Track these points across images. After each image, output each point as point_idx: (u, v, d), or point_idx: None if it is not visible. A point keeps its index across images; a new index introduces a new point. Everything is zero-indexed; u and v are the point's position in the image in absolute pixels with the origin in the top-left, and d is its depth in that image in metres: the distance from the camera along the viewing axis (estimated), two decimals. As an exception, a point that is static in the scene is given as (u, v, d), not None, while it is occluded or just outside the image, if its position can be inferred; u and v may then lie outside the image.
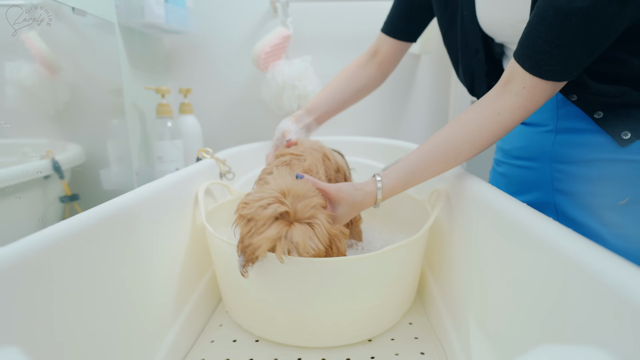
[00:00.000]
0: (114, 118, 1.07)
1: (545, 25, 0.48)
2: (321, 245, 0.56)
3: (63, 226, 0.42)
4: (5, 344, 0.32)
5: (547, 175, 0.66)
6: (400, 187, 0.64)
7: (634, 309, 0.28)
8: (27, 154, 0.81)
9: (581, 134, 0.61)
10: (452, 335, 0.62)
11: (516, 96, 0.54)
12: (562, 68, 0.50)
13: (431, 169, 0.62)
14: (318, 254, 0.56)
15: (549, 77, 0.51)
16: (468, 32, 0.67)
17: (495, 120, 0.56)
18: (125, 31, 1.08)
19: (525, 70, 0.52)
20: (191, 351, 0.66)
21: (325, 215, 0.58)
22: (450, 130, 0.60)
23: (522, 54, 0.52)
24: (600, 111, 0.57)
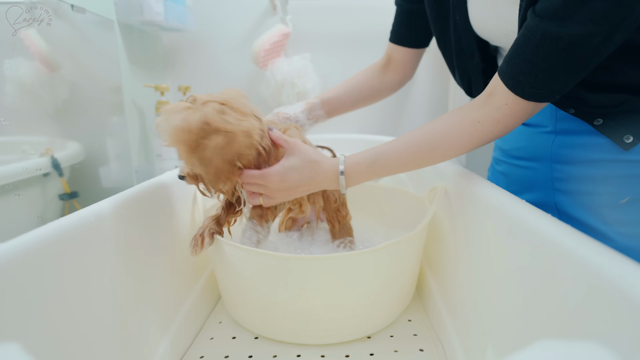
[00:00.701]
0: (113, 116, 1.07)
1: (531, 47, 0.48)
2: (183, 124, 0.51)
3: (62, 223, 0.42)
4: (4, 340, 0.32)
5: (547, 175, 0.66)
6: (364, 166, 0.61)
7: (632, 304, 0.28)
8: (26, 151, 0.81)
9: (580, 135, 0.61)
10: (451, 332, 0.62)
11: (497, 110, 0.54)
12: (545, 91, 0.50)
13: (401, 158, 0.60)
14: (178, 136, 0.51)
15: (531, 99, 0.51)
16: (462, 37, 0.67)
17: (475, 127, 0.56)
18: (124, 29, 1.08)
19: (508, 89, 0.52)
20: (190, 348, 0.66)
21: (231, 108, 0.54)
22: (430, 127, 0.60)
23: (506, 72, 0.52)
24: (600, 118, 0.57)
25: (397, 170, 0.62)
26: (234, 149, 0.53)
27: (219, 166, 0.54)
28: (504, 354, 0.46)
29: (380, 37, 1.31)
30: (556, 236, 0.39)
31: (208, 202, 0.82)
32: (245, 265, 0.62)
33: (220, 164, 0.54)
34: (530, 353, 0.32)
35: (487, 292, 0.52)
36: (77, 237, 0.44)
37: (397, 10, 0.81)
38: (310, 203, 0.74)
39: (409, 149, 0.60)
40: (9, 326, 0.34)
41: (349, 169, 0.61)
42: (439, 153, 0.59)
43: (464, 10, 0.64)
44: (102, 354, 0.46)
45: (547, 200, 0.67)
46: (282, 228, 0.85)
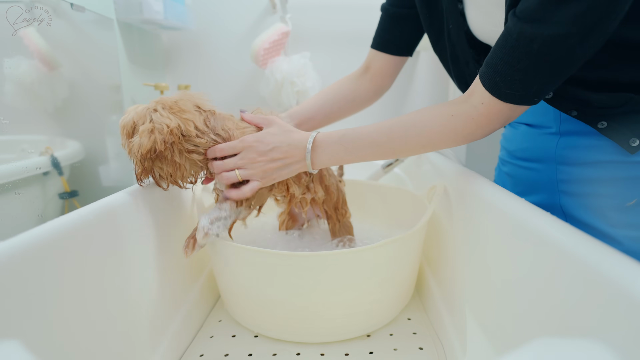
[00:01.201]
0: (112, 114, 1.07)
1: (508, 48, 0.47)
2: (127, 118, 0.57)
3: (62, 221, 0.43)
4: (5, 337, 0.32)
5: (552, 177, 0.65)
6: (335, 137, 0.61)
7: (631, 302, 0.28)
8: (26, 150, 0.81)
9: (585, 137, 0.60)
10: (450, 330, 0.62)
11: (473, 108, 0.54)
12: (521, 93, 0.49)
13: (373, 138, 0.60)
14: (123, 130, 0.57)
15: (508, 100, 0.51)
16: (456, 45, 0.66)
17: (448, 120, 0.56)
18: (123, 27, 1.08)
19: (485, 89, 0.52)
20: (190, 346, 0.66)
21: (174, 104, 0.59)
22: (406, 115, 0.60)
23: (484, 72, 0.51)
24: (604, 121, 0.56)
25: (369, 151, 0.60)
26: (147, 147, 0.55)
27: (142, 162, 0.57)
28: (503, 352, 0.46)
29: (379, 35, 1.31)
30: (555, 234, 0.39)
31: (207, 201, 0.82)
32: (245, 263, 0.62)
33: (143, 160, 0.56)
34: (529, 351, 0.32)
35: (486, 291, 0.53)
36: (76, 235, 0.44)
37: (382, 15, 0.78)
38: (312, 193, 0.73)
39: (381, 130, 0.60)
40: (9, 324, 0.34)
41: (320, 137, 0.61)
42: (412, 140, 0.59)
43: (457, 19, 0.64)
44: (102, 353, 0.46)
45: (553, 202, 0.66)
46: (283, 227, 0.85)
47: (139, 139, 0.55)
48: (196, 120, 0.59)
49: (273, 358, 0.63)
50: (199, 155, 0.60)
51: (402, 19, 0.76)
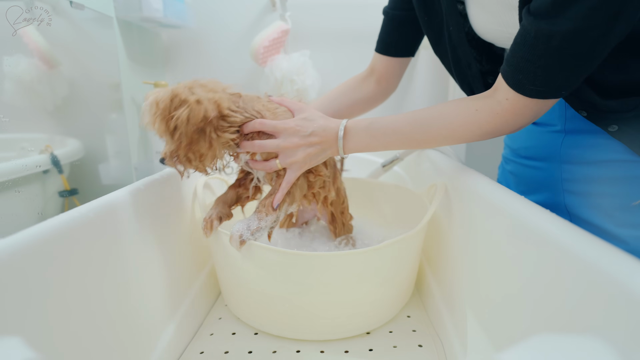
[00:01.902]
0: (112, 113, 1.07)
1: (527, 46, 0.47)
2: (158, 99, 0.56)
3: (62, 219, 0.43)
4: (5, 334, 0.32)
5: (556, 175, 0.65)
6: (363, 125, 0.62)
7: (631, 299, 0.29)
8: (26, 148, 0.81)
9: (591, 135, 0.59)
10: (449, 328, 0.63)
11: (497, 104, 0.54)
12: (546, 89, 0.49)
13: (399, 126, 0.61)
14: (154, 112, 0.56)
15: (533, 96, 0.50)
16: (457, 47, 0.66)
17: (472, 115, 0.56)
18: (123, 25, 1.08)
19: (508, 87, 0.51)
20: (190, 344, 0.66)
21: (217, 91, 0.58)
22: (431, 107, 0.60)
23: (506, 71, 0.51)
24: (615, 124, 0.56)
25: (394, 139, 0.62)
26: (200, 115, 0.54)
27: (190, 135, 0.55)
28: (502, 349, 0.46)
29: (379, 33, 1.31)
30: (555, 232, 0.39)
31: (208, 198, 0.82)
32: (246, 261, 0.62)
33: (191, 132, 0.55)
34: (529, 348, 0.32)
35: (485, 289, 0.53)
36: (76, 233, 0.44)
37: (384, 19, 0.79)
38: (326, 191, 0.74)
39: (406, 120, 0.61)
40: (9, 321, 0.34)
41: (350, 124, 0.63)
42: (435, 131, 0.59)
43: (457, 20, 0.63)
44: (102, 350, 0.46)
45: (557, 202, 0.65)
46: (284, 225, 0.85)
47: (187, 109, 0.54)
48: (225, 99, 0.59)
49: (273, 355, 0.63)
50: (231, 134, 0.59)
51: (404, 21, 0.77)
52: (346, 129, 0.63)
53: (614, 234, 0.57)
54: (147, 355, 0.56)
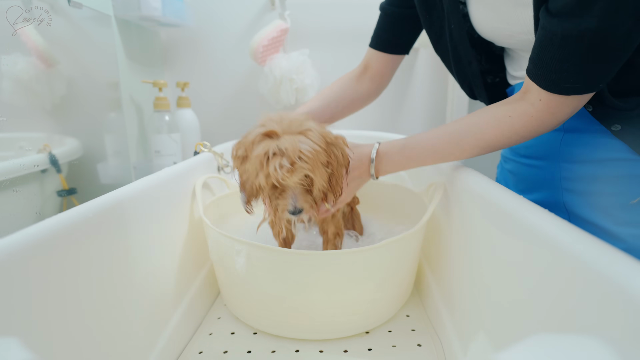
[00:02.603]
0: (111, 112, 1.06)
1: (555, 47, 0.46)
2: (316, 146, 0.54)
3: (60, 219, 0.42)
4: (4, 333, 0.32)
5: (555, 174, 0.65)
6: (397, 148, 0.63)
7: (628, 298, 0.29)
8: (24, 147, 0.81)
9: (590, 134, 0.59)
10: (449, 327, 0.63)
11: (531, 106, 0.53)
12: (581, 85, 0.47)
13: (433, 143, 0.61)
14: (316, 158, 0.54)
15: (570, 93, 0.49)
16: (458, 46, 0.66)
17: (506, 121, 0.55)
18: (121, 24, 1.08)
19: (540, 88, 0.50)
20: (189, 343, 0.66)
21: (319, 125, 0.57)
22: (463, 119, 0.60)
23: (535, 73, 0.50)
24: (618, 124, 0.56)
25: (430, 157, 0.62)
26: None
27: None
28: (501, 348, 0.46)
29: (378, 32, 1.31)
30: (553, 232, 0.39)
31: (207, 199, 0.82)
32: (245, 260, 0.62)
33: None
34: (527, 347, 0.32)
35: (484, 288, 0.53)
36: (74, 233, 0.43)
37: (380, 15, 0.79)
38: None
39: (440, 137, 0.60)
40: (7, 321, 0.34)
41: (383, 149, 0.63)
42: (469, 143, 0.59)
43: (459, 19, 0.63)
44: (101, 349, 0.46)
45: (556, 200, 0.65)
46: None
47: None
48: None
49: (272, 355, 0.63)
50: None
51: (402, 18, 0.76)
52: (380, 154, 0.64)
53: (612, 233, 0.57)
54: (146, 355, 0.56)
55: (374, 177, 0.65)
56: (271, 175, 0.52)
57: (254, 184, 0.55)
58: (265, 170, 0.52)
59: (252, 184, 0.55)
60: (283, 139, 0.53)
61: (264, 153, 0.52)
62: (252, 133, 0.55)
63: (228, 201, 0.86)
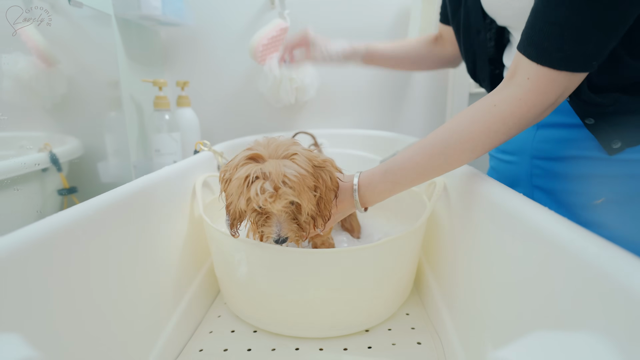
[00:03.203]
0: (111, 111, 1.06)
1: (551, 7, 0.43)
2: (302, 170, 0.52)
3: (61, 217, 0.43)
4: (5, 331, 0.32)
5: (526, 170, 0.64)
6: (379, 175, 0.58)
7: (627, 295, 0.29)
8: (24, 146, 0.81)
9: (561, 129, 0.59)
10: (448, 325, 0.63)
11: (517, 87, 0.48)
12: (574, 53, 0.44)
13: (416, 161, 0.55)
14: (303, 182, 0.52)
15: (562, 66, 0.45)
16: (471, 12, 0.66)
17: (490, 111, 0.50)
18: (121, 23, 1.08)
19: (530, 60, 0.47)
20: (190, 341, 0.67)
21: (306, 150, 0.55)
22: (445, 124, 0.55)
23: (527, 43, 0.47)
24: (592, 118, 0.54)
25: (417, 175, 0.56)
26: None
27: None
28: (500, 346, 0.46)
29: (379, 31, 1.31)
30: (552, 229, 0.39)
31: (207, 197, 0.82)
32: (245, 259, 0.62)
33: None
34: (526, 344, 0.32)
35: (484, 286, 0.53)
36: (76, 231, 0.44)
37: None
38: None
39: (422, 150, 0.55)
40: (8, 318, 0.34)
41: (364, 179, 0.59)
42: (454, 149, 0.53)
43: None
44: (101, 347, 0.46)
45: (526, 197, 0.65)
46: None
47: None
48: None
49: (272, 353, 0.63)
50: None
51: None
52: (361, 186, 0.59)
53: None
54: (146, 353, 0.56)
55: (361, 210, 0.61)
56: (252, 200, 0.51)
57: (236, 208, 0.54)
58: (246, 194, 0.51)
59: (235, 208, 0.54)
60: (267, 163, 0.52)
61: (245, 176, 0.51)
62: (238, 156, 0.55)
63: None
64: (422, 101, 1.42)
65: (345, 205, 0.61)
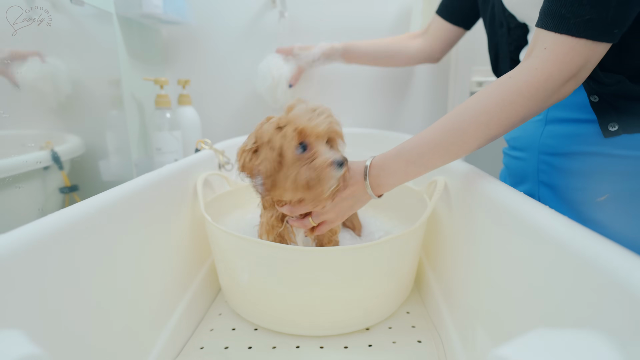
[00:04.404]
0: (112, 109, 1.06)
1: None
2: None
3: (63, 215, 0.43)
4: (4, 329, 0.33)
5: (534, 166, 0.65)
6: (392, 155, 0.57)
7: (627, 292, 0.29)
8: (26, 144, 0.81)
9: (568, 124, 0.59)
10: (448, 323, 0.63)
11: (534, 58, 0.47)
12: (594, 19, 0.42)
13: (433, 138, 0.53)
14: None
15: (580, 32, 0.43)
16: (495, 4, 0.67)
17: (505, 82, 0.48)
18: (123, 22, 1.08)
19: (548, 31, 0.45)
20: (191, 339, 0.67)
21: None
22: (459, 105, 0.54)
23: (544, 14, 0.46)
24: (596, 95, 0.54)
25: (433, 154, 0.54)
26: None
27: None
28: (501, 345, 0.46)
29: (380, 30, 1.31)
30: (552, 227, 0.39)
31: (208, 196, 0.82)
32: (246, 257, 0.63)
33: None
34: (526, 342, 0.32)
35: (484, 285, 0.53)
36: (76, 229, 0.44)
37: None
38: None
39: (437, 128, 0.54)
40: (10, 315, 0.34)
41: (377, 160, 0.58)
42: (471, 124, 0.50)
43: None
44: (102, 345, 0.47)
45: (532, 193, 0.65)
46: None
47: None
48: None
49: (273, 351, 0.63)
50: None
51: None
52: (374, 165, 0.57)
53: None
54: (147, 351, 0.56)
55: (374, 195, 0.59)
56: (308, 123, 0.54)
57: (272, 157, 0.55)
58: (297, 123, 0.54)
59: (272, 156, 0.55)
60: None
61: (311, 108, 0.56)
62: (263, 125, 0.58)
63: (229, 198, 0.87)
64: (423, 99, 1.42)
65: (356, 189, 0.59)
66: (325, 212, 0.61)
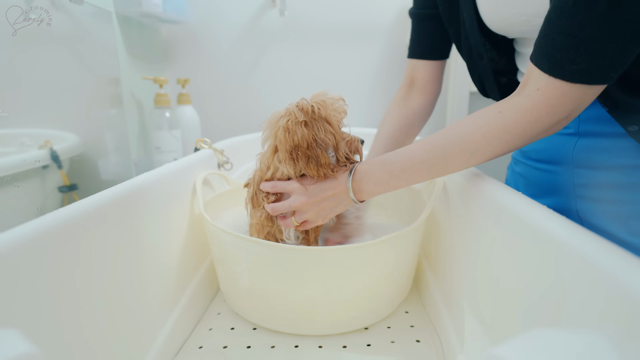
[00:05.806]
0: (112, 108, 1.07)
1: (565, 17, 0.40)
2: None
3: (61, 214, 0.43)
4: (3, 328, 0.33)
5: (568, 180, 0.61)
6: (378, 164, 0.58)
7: (625, 293, 0.29)
8: (25, 143, 0.81)
9: (605, 138, 0.56)
10: (447, 323, 0.63)
11: (526, 97, 0.46)
12: (590, 66, 0.41)
13: (412, 158, 0.55)
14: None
15: (575, 78, 0.42)
16: (469, 37, 0.63)
17: (495, 117, 0.48)
18: (122, 20, 1.08)
19: (542, 72, 0.44)
20: (189, 338, 0.67)
21: None
22: (447, 127, 0.54)
23: (539, 53, 0.44)
24: (635, 125, 0.51)
25: (415, 170, 0.55)
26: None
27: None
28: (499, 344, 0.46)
29: (379, 29, 1.31)
30: (551, 228, 0.39)
31: (208, 195, 0.82)
32: (245, 256, 0.63)
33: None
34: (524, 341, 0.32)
35: (483, 284, 0.53)
36: (75, 228, 0.44)
37: (412, 22, 0.75)
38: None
39: (423, 146, 0.55)
40: (8, 314, 0.34)
41: (362, 167, 0.59)
42: (457, 149, 0.51)
43: (470, 8, 0.60)
44: (101, 345, 0.47)
45: (568, 207, 0.63)
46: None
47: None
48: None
49: (271, 350, 0.63)
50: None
51: (432, 19, 0.72)
52: (359, 170, 0.59)
53: (627, 242, 0.54)
54: (146, 350, 0.56)
55: (355, 200, 0.60)
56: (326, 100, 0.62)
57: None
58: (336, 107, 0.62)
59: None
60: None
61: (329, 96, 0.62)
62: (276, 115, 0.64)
63: (228, 197, 0.87)
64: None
65: (339, 191, 0.60)
66: (306, 212, 0.62)
